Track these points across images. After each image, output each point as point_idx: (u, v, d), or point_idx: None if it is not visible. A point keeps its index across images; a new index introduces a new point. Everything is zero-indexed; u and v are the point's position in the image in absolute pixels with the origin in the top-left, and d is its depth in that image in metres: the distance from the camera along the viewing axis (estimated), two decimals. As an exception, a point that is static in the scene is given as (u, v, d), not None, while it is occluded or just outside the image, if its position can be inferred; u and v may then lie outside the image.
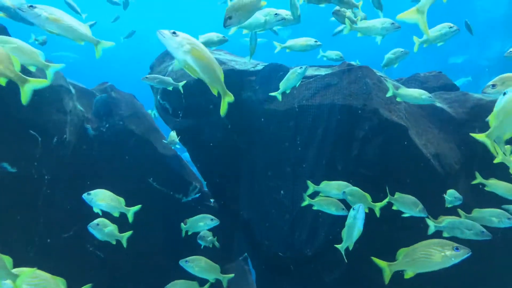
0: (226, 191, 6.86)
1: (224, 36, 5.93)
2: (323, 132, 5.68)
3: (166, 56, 7.20)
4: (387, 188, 4.79)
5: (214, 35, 5.94)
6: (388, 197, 4.77)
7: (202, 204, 7.40)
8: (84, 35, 3.91)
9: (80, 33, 3.86)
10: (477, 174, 5.13)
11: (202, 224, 5.68)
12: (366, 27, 5.19)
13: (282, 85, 5.18)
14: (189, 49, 2.91)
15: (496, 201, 5.03)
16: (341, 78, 5.76)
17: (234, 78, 6.11)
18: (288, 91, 5.33)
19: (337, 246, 4.23)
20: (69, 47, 20.62)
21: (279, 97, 5.31)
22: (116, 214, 4.98)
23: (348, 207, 4.48)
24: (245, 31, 5.17)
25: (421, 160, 5.48)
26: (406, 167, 5.51)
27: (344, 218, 4.16)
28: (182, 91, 5.99)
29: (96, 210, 4.92)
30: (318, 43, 5.90)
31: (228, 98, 3.47)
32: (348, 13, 5.41)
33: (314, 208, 5.05)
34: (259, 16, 4.87)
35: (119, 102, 7.07)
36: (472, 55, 24.13)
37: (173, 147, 7.01)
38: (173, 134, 6.71)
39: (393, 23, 5.11)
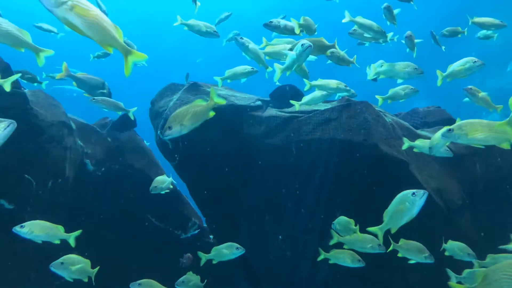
0: (225, 228, 6.76)
1: (253, 68, 5.94)
2: (324, 167, 5.66)
3: (168, 90, 7.27)
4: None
5: (241, 68, 5.99)
6: (392, 245, 4.68)
7: (201, 241, 7.28)
8: (24, 42, 3.65)
9: (20, 39, 3.63)
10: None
11: (228, 253, 5.36)
12: (390, 69, 5.22)
13: (307, 99, 5.40)
14: (70, 6, 2.58)
15: (500, 235, 4.94)
16: (341, 113, 5.79)
17: (234, 113, 6.15)
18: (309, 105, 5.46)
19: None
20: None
21: (297, 107, 5.50)
22: (57, 241, 4.72)
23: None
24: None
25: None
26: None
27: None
28: (133, 117, 5.98)
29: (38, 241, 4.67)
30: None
31: (133, 57, 2.97)
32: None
33: (330, 262, 4.96)
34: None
35: (119, 136, 7.10)
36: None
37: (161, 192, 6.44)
38: (158, 179, 6.31)
39: (416, 68, 5.11)
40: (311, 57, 5.29)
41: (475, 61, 5.09)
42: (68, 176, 6.15)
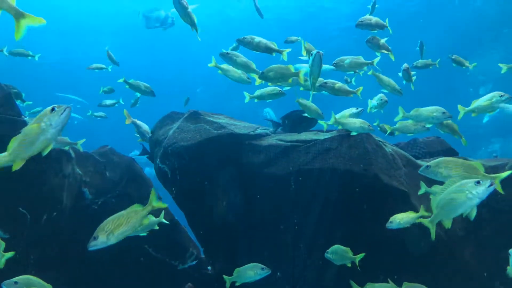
0: (224, 261, 6.63)
1: (281, 90, 5.90)
2: (324, 198, 5.61)
3: (168, 119, 7.30)
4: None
5: (270, 89, 5.95)
6: None
7: (199, 272, 7.12)
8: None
9: None
10: None
11: (253, 274, 5.12)
12: (418, 114, 5.16)
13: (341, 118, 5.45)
14: None
15: (504, 268, 4.84)
16: (341, 143, 5.78)
17: (233, 142, 6.15)
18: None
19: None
20: (75, 109, 21.04)
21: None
22: None
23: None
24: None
25: (423, 226, 5.34)
26: (408, 234, 5.36)
27: None
28: (81, 148, 5.98)
29: None
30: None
31: (27, 21, 2.83)
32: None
33: None
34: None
35: (118, 165, 7.07)
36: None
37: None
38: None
39: (444, 112, 4.99)
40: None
41: (501, 95, 4.90)
42: (65, 205, 6.08)
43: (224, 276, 5.26)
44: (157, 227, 5.25)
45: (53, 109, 3.00)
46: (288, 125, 6.43)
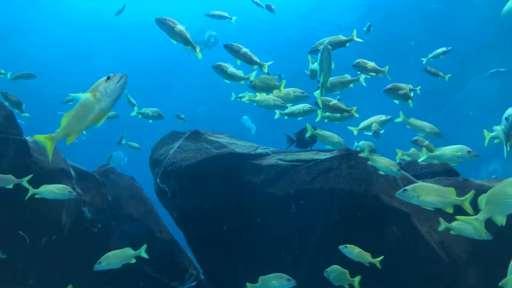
0: (224, 280, 6.55)
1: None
2: (325, 218, 5.57)
3: (169, 138, 7.31)
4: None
5: (301, 106, 5.82)
6: None
7: (198, 293, 7.04)
8: None
9: None
10: None
11: (277, 284, 4.94)
12: (441, 154, 4.98)
13: None
14: None
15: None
16: (341, 163, 5.77)
17: (234, 161, 6.14)
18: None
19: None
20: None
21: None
22: None
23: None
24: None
25: (425, 249, 5.30)
26: (410, 256, 5.31)
27: None
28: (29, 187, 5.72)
29: None
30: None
31: None
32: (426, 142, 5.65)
33: None
34: None
35: (118, 184, 7.05)
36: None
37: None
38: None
39: (469, 151, 4.79)
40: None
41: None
42: (65, 225, 6.04)
43: (248, 284, 5.14)
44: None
45: (108, 78, 2.92)
46: (301, 141, 6.38)
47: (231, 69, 5.65)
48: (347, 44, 5.41)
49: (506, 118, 4.29)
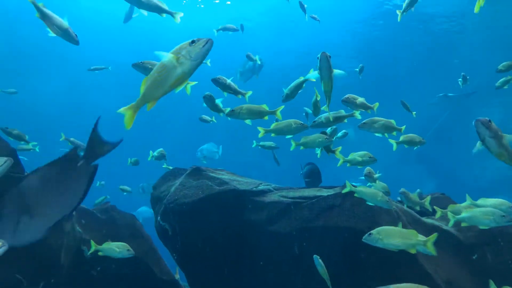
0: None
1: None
2: (328, 256, 5.45)
3: (170, 175, 7.30)
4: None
5: (316, 136, 5.71)
6: None
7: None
8: None
9: None
10: None
11: None
12: (472, 216, 4.73)
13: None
14: None
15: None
16: (344, 199, 5.72)
17: (236, 199, 6.10)
18: None
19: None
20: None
21: None
22: None
23: None
24: None
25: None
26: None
27: None
28: None
29: None
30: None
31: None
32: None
33: None
34: None
35: (119, 223, 6.98)
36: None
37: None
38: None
39: (504, 216, 4.48)
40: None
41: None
42: (63, 265, 5.92)
43: None
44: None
45: (193, 42, 2.80)
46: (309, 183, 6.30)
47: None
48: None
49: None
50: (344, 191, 5.38)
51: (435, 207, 5.70)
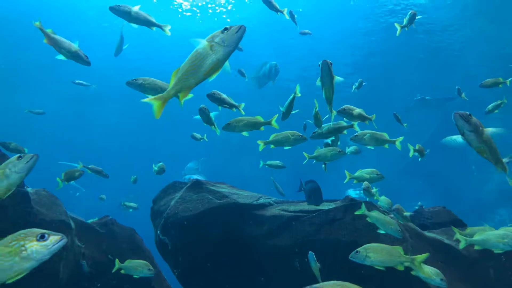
0: None
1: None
2: (329, 270, 5.41)
3: (170, 189, 7.27)
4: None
5: (328, 149, 5.69)
6: None
7: None
8: None
9: None
10: None
11: None
12: (485, 239, 4.69)
13: None
14: None
15: None
16: (345, 213, 5.70)
17: (235, 212, 6.06)
18: None
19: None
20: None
21: None
22: None
23: None
24: None
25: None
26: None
27: None
28: None
29: None
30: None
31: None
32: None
33: None
34: None
35: (119, 237, 6.92)
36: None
37: None
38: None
39: None
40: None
41: None
42: (62, 279, 5.86)
43: None
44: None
45: (225, 29, 2.82)
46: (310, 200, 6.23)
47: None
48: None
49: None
50: (357, 213, 5.21)
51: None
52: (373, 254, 4.23)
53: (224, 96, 5.56)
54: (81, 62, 5.09)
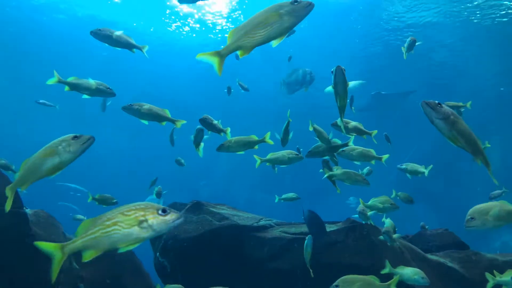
0: None
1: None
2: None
3: (173, 207, 7.22)
4: None
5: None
6: None
7: None
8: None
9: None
10: None
11: None
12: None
13: None
14: None
15: None
16: (347, 236, 5.65)
17: (236, 234, 6.00)
18: None
19: None
20: (76, 203, 20.95)
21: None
22: None
23: None
24: None
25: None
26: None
27: None
28: None
29: None
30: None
31: None
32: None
33: None
34: None
35: (118, 259, 6.82)
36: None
37: None
38: None
39: None
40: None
41: None
42: (58, 302, 5.75)
43: None
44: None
45: (295, 1, 2.94)
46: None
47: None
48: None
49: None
50: (383, 271, 4.82)
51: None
52: (352, 285, 4.24)
53: (215, 122, 5.59)
54: (105, 95, 5.21)
